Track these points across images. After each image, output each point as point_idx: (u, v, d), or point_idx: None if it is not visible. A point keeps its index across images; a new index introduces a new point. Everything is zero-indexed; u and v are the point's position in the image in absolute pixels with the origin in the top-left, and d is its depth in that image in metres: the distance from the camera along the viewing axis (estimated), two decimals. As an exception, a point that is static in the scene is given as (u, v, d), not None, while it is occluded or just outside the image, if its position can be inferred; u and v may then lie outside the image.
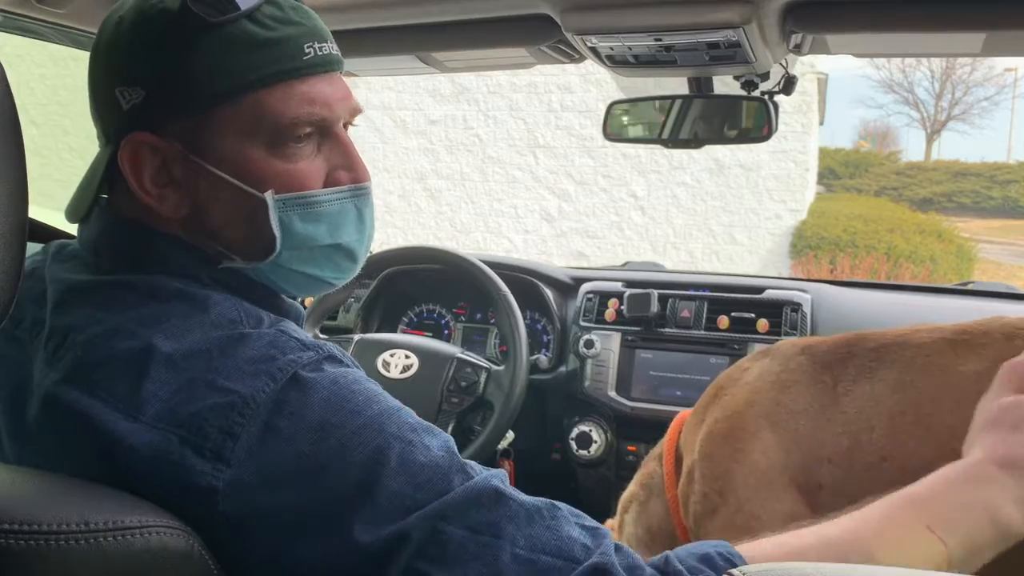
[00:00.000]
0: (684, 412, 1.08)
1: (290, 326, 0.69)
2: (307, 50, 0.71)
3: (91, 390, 0.63)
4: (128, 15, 0.71)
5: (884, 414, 0.86)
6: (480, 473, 0.64)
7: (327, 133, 0.74)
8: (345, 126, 0.77)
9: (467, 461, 0.65)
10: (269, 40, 0.69)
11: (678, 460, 1.03)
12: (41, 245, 0.80)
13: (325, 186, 0.74)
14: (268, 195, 0.71)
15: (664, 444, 1.05)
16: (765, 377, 0.97)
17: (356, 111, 0.76)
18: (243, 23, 0.68)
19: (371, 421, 0.62)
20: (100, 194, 0.75)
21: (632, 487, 1.06)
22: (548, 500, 0.64)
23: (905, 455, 0.82)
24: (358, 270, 0.80)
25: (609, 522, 1.10)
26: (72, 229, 0.83)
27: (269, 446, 0.60)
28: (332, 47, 0.74)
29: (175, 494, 0.60)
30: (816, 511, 0.84)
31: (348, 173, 0.75)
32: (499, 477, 0.64)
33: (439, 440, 0.65)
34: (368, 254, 0.80)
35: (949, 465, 0.71)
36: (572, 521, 0.63)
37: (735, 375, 1.02)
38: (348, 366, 0.68)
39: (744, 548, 0.65)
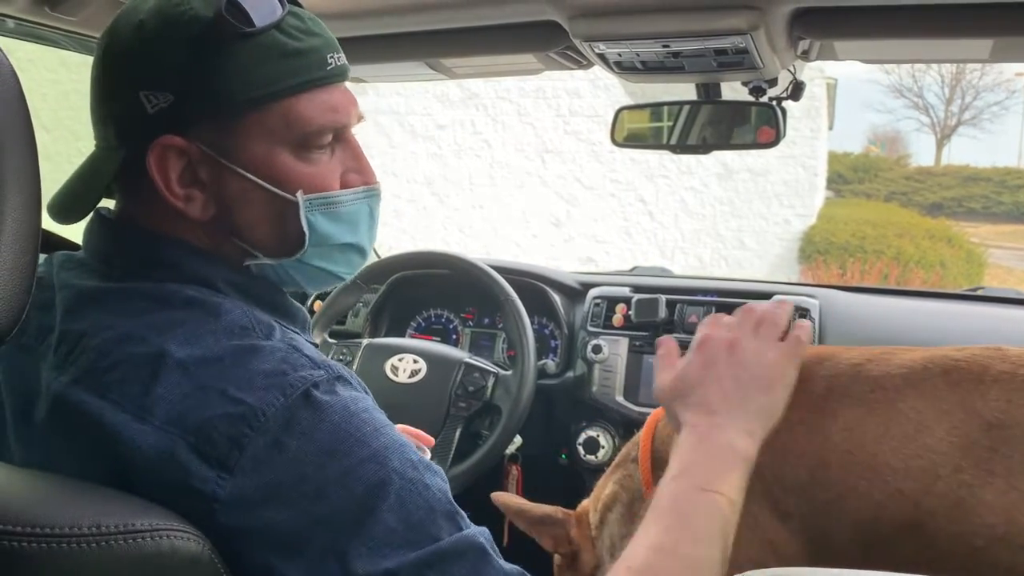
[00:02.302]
0: (658, 412, 1.07)
1: (301, 342, 0.71)
2: (329, 60, 0.74)
3: (102, 392, 0.64)
4: (150, 20, 0.71)
5: (834, 451, 0.85)
6: (469, 527, 0.66)
7: (340, 137, 0.77)
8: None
9: (458, 509, 0.66)
10: (297, 50, 0.72)
11: (656, 463, 1.02)
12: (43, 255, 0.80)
13: (340, 186, 0.77)
14: (299, 196, 0.74)
15: (639, 447, 1.04)
16: None
17: (361, 117, 0.80)
18: (273, 33, 0.71)
19: (376, 453, 0.64)
20: (102, 197, 0.76)
21: (613, 486, 1.05)
22: (520, 569, 0.67)
23: (856, 496, 0.82)
24: (365, 264, 0.84)
25: (585, 503, 1.10)
26: (76, 237, 0.84)
27: (274, 462, 0.61)
28: (343, 57, 0.77)
29: (176, 498, 0.61)
30: (792, 536, 0.85)
31: (359, 175, 0.79)
32: (485, 535, 0.66)
33: (437, 480, 0.66)
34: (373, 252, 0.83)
35: (675, 448, 0.79)
36: None
37: None
38: (356, 388, 0.69)
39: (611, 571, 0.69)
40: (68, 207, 0.76)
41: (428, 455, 1.16)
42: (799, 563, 0.84)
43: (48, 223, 0.83)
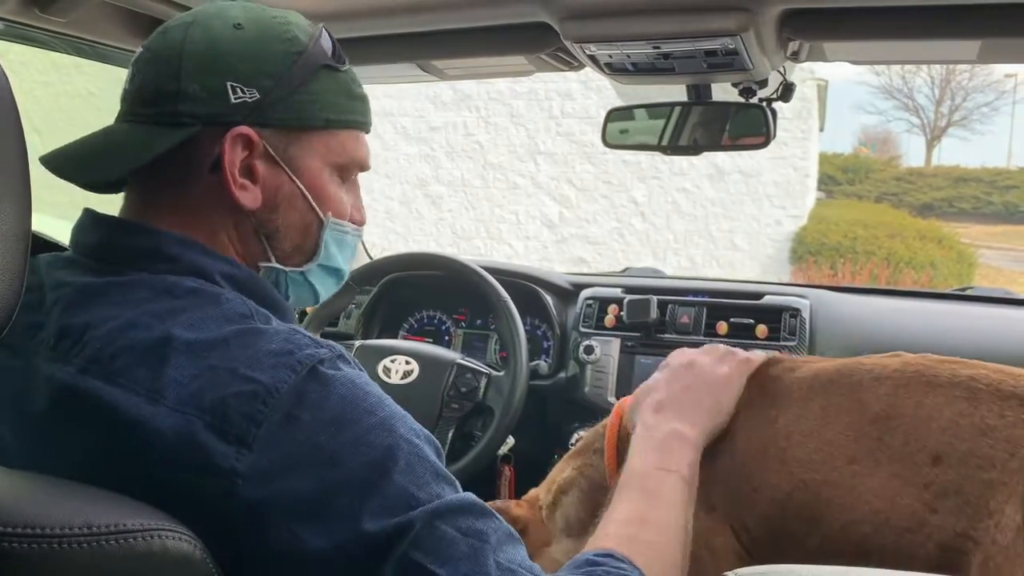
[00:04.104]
0: (622, 403, 1.10)
1: (298, 327, 0.75)
2: (369, 112, 0.86)
3: (111, 378, 0.66)
4: (251, 26, 0.78)
5: (755, 447, 0.92)
6: (462, 490, 0.71)
7: (353, 178, 0.87)
8: None
9: (454, 478, 0.72)
10: (359, 95, 0.85)
11: (621, 455, 1.05)
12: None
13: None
14: (328, 216, 0.83)
15: (604, 438, 1.07)
16: None
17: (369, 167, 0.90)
18: (348, 74, 0.83)
19: (384, 421, 0.68)
20: (142, 165, 0.77)
21: (572, 472, 1.09)
22: (515, 533, 0.72)
23: (769, 487, 0.89)
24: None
25: (533, 491, 1.13)
26: (63, 238, 0.84)
27: (289, 435, 0.64)
28: None
29: (196, 477, 0.63)
30: (718, 526, 0.92)
31: (357, 213, 0.88)
32: (474, 497, 0.71)
33: (435, 450, 0.71)
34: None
35: (634, 434, 0.94)
36: None
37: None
38: (357, 367, 0.73)
39: (588, 546, 0.79)
40: (93, 168, 0.78)
41: None
42: (731, 555, 0.90)
43: (46, 222, 0.84)
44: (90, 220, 0.78)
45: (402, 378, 1.57)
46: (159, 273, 0.73)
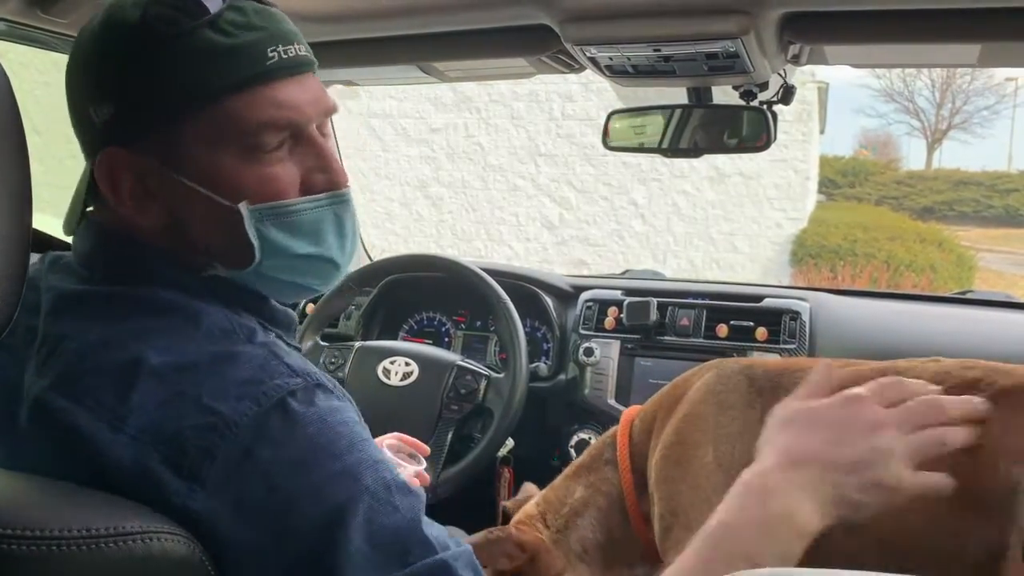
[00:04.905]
0: (630, 412, 1.07)
1: (282, 347, 0.70)
2: (271, 54, 0.68)
3: (78, 398, 0.64)
4: (97, 29, 0.70)
5: None
6: (439, 550, 0.63)
7: (299, 137, 0.72)
8: (321, 128, 0.74)
9: (430, 533, 0.64)
10: (231, 47, 0.67)
11: (634, 467, 1.03)
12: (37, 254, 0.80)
13: (302, 191, 0.72)
14: (242, 206, 0.70)
15: (616, 450, 1.05)
16: (708, 398, 0.98)
17: (329, 111, 0.74)
18: (204, 32, 0.66)
19: (349, 469, 0.62)
20: (86, 207, 0.76)
21: (584, 491, 1.06)
22: None
23: None
24: (343, 275, 0.79)
25: (530, 508, 1.10)
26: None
27: (246, 472, 0.60)
28: (300, 48, 0.71)
29: (153, 508, 0.60)
30: None
31: (323, 176, 0.73)
32: (461, 558, 0.64)
33: (409, 501, 0.64)
34: (353, 259, 0.79)
35: (741, 482, 0.72)
36: None
37: (681, 389, 1.03)
38: (337, 397, 0.67)
39: None
40: (67, 220, 0.77)
41: (423, 464, 1.16)
42: None
43: (47, 222, 0.84)
44: (84, 225, 0.77)
45: (402, 379, 1.57)
46: (141, 285, 0.70)
